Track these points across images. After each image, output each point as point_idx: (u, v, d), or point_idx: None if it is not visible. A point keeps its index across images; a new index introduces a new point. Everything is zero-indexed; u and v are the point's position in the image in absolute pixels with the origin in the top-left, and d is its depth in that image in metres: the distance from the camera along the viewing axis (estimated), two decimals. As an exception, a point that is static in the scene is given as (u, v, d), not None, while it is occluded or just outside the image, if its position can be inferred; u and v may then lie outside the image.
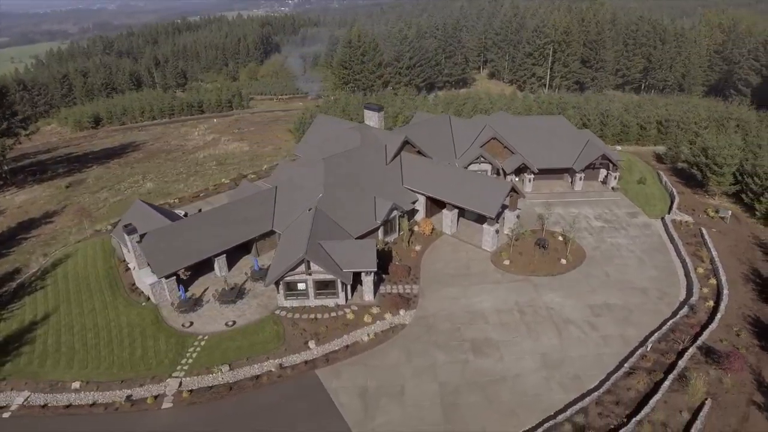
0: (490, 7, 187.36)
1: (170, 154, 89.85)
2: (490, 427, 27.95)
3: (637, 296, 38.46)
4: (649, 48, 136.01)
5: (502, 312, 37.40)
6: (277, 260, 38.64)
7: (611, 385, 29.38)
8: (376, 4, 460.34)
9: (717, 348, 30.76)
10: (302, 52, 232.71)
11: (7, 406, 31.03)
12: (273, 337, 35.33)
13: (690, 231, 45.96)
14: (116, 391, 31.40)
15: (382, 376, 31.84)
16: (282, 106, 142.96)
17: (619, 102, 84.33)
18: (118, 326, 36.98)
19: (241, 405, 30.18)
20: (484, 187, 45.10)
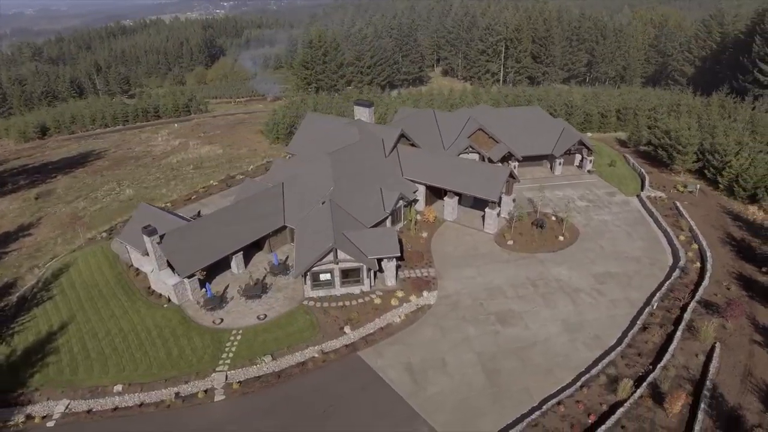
0: (440, 7, 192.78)
1: (139, 161, 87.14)
2: (531, 386, 30.56)
3: (632, 264, 42.53)
4: (591, 43, 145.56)
5: (517, 286, 40.30)
6: (301, 253, 39.56)
7: (630, 340, 32.80)
8: (318, 5, 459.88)
9: (713, 301, 34.99)
10: (253, 53, 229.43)
11: (48, 415, 30.42)
12: (308, 326, 36.33)
13: (665, 205, 50.96)
14: (162, 390, 31.42)
15: (423, 352, 33.77)
16: (242, 108, 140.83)
17: (578, 94, 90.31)
18: (146, 329, 36.65)
19: (294, 389, 31.20)
20: (483, 174, 47.98)
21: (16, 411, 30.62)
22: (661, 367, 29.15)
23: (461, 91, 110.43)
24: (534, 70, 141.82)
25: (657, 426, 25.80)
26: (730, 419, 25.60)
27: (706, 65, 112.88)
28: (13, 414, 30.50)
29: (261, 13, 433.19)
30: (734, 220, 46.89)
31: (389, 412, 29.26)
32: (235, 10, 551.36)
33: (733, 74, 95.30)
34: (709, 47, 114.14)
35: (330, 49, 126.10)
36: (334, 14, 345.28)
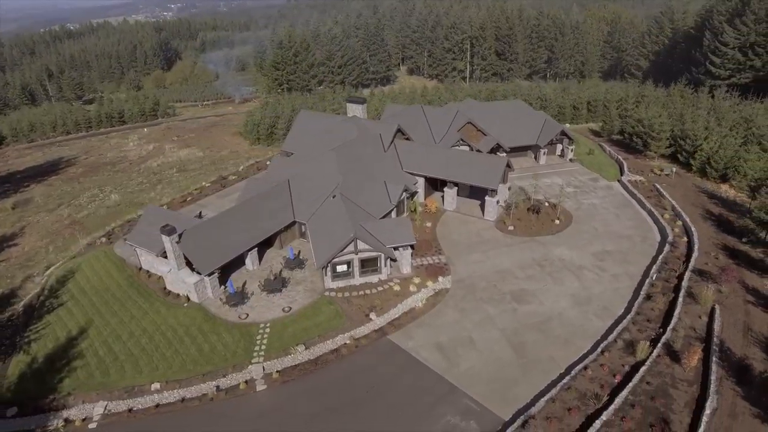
0: (403, 7, 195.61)
1: (116, 166, 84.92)
2: (556, 355, 32.90)
3: (625, 242, 45.86)
4: (551, 40, 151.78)
5: (525, 267, 42.75)
6: (320, 246, 40.51)
7: (637, 308, 35.72)
8: (270, 6, 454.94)
9: (705, 269, 38.51)
10: (217, 56, 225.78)
11: (88, 417, 30.26)
12: (334, 316, 37.41)
13: (645, 187, 54.90)
14: (201, 385, 31.79)
15: (449, 332, 35.56)
16: (210, 111, 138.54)
17: (549, 88, 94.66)
18: (171, 328, 36.70)
19: (333, 374, 32.31)
20: (482, 164, 50.32)
21: (52, 416, 30.27)
22: (671, 329, 32.10)
23: (435, 88, 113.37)
24: (499, 67, 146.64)
25: (676, 380, 28.60)
26: (739, 368, 28.71)
27: (660, 59, 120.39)
28: (48, 419, 30.14)
29: (212, 15, 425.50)
30: (710, 198, 51.22)
31: (429, 388, 30.86)
32: (183, 12, 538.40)
33: (686, 67, 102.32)
34: (661, 42, 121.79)
35: (300, 49, 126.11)
36: (290, 15, 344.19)
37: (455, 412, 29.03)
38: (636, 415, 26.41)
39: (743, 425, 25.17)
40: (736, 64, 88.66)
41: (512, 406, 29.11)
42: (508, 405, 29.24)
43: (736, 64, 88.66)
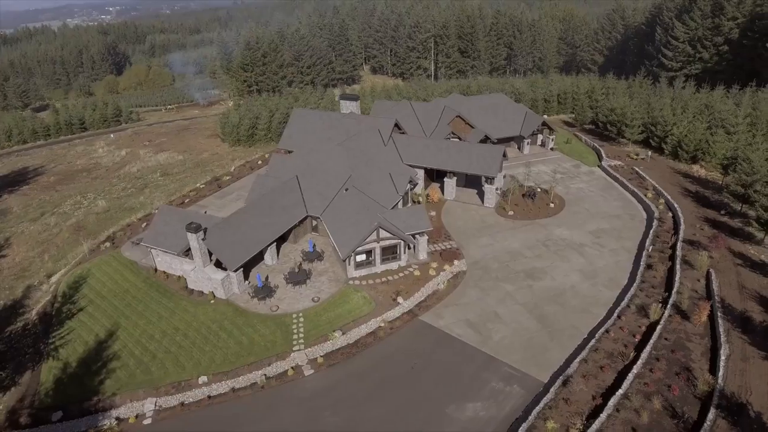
0: (363, 6, 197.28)
1: (91, 173, 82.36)
2: (577, 323, 35.82)
3: (616, 221, 49.73)
4: (509, 38, 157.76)
5: (531, 248, 45.72)
6: (341, 237, 41.85)
7: (641, 277, 39.26)
8: (215, 8, 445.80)
9: (694, 239, 42.68)
10: (176, 58, 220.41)
11: (141, 414, 30.46)
12: (362, 302, 38.92)
13: (625, 171, 59.37)
14: (248, 375, 32.59)
15: (475, 309, 37.87)
16: (176, 115, 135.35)
17: (519, 82, 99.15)
18: (203, 325, 37.08)
19: (375, 355, 33.90)
20: (481, 153, 53.06)
21: (101, 417, 30.27)
22: (675, 292, 35.68)
23: (396, 86, 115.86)
24: (463, 64, 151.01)
25: (690, 334, 32.06)
26: (741, 320, 32.51)
27: (614, 54, 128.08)
28: (98, 420, 30.12)
29: (156, 18, 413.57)
30: (685, 178, 56.17)
31: (469, 359, 33.01)
32: (123, 16, 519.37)
33: (640, 60, 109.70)
34: (614, 38, 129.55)
35: (269, 50, 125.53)
36: (239, 17, 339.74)
37: (498, 379, 31.32)
38: (662, 366, 29.54)
39: (755, 366, 28.77)
40: (686, 57, 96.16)
41: (548, 370, 31.70)
42: (544, 369, 31.81)
43: (686, 57, 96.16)
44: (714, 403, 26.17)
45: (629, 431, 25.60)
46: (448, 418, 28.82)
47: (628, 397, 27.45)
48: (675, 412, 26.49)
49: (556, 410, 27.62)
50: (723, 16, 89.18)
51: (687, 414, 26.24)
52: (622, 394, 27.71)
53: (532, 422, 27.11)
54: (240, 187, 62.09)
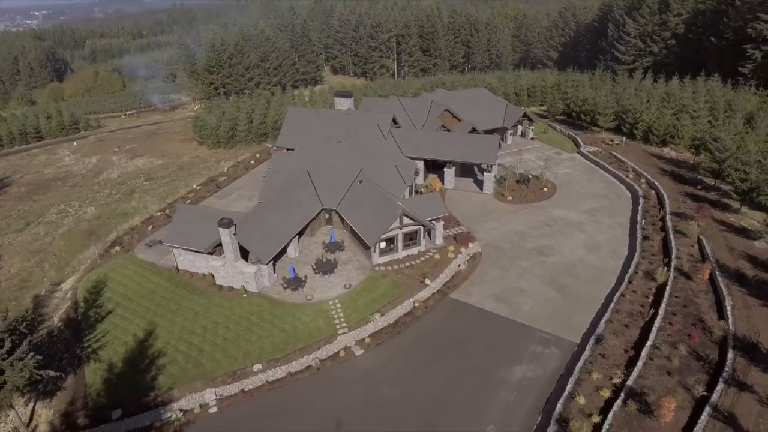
0: (319, 8, 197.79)
1: (66, 181, 79.44)
2: (592, 291, 39.37)
3: (605, 200, 54.20)
4: (467, 36, 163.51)
5: (536, 228, 49.23)
6: (364, 226, 43.55)
7: (639, 247, 43.46)
8: (154, 11, 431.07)
9: (680, 211, 47.55)
10: (126, 63, 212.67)
11: (205, 404, 31.14)
12: (392, 286, 40.89)
13: (603, 155, 64.38)
14: (301, 359, 33.85)
15: (499, 285, 40.74)
16: (139, 121, 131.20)
17: (491, 78, 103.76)
18: (243, 316, 37.87)
19: (418, 332, 36.07)
20: (478, 143, 56.20)
21: (163, 410, 30.69)
22: (675, 257, 40.00)
23: (366, 85, 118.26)
24: (426, 63, 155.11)
25: (695, 291, 36.27)
26: (737, 276, 37.09)
27: (568, 49, 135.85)
28: (160, 414, 30.54)
29: (87, 22, 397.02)
30: (658, 159, 61.75)
31: (505, 329, 35.78)
32: (52, 20, 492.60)
33: (594, 55, 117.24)
34: (567, 35, 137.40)
35: (235, 51, 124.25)
36: (182, 20, 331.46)
37: (535, 344, 34.25)
38: (678, 320, 33.42)
39: (756, 312, 33.20)
40: (637, 51, 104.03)
41: (577, 332, 34.95)
42: (574, 331, 35.04)
43: (637, 51, 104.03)
44: (730, 345, 30.17)
45: (664, 374, 29.09)
46: (501, 380, 31.40)
47: (657, 347, 31.06)
48: (699, 355, 30.30)
49: (596, 364, 30.81)
50: (669, 12, 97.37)
51: (710, 356, 30.11)
52: (651, 344, 31.28)
53: (577, 376, 30.12)
54: (239, 187, 62.31)
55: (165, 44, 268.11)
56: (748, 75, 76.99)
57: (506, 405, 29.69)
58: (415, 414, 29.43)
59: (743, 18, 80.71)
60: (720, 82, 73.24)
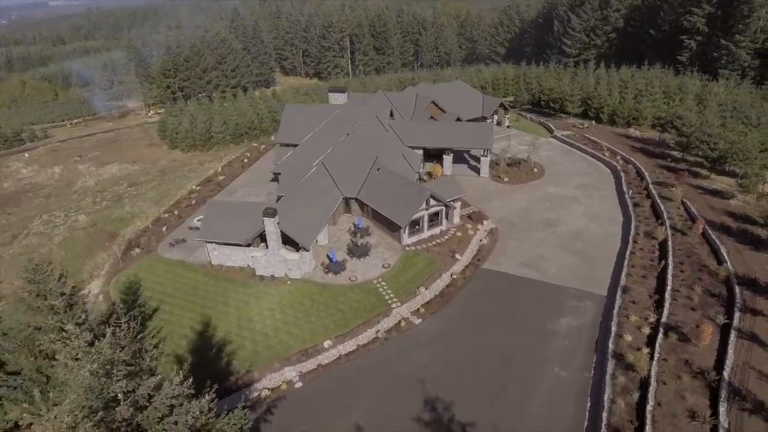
0: (262, 9, 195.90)
1: (37, 193, 75.62)
2: (604, 252, 44.40)
3: (590, 177, 60.10)
4: (415, 35, 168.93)
5: (537, 203, 54.05)
6: (393, 209, 46.14)
7: (634, 212, 49.25)
8: (64, 16, 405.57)
9: (659, 181, 54.12)
10: (45, 71, 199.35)
11: (289, 381, 32.67)
12: (427, 262, 43.91)
13: (577, 138, 70.85)
14: (365, 333, 36.08)
15: (522, 254, 44.93)
16: (90, 129, 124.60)
17: (450, 72, 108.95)
18: (296, 301, 39.41)
19: (464, 299, 39.46)
20: (474, 131, 60.39)
21: (248, 391, 31.91)
22: (667, 218, 46.03)
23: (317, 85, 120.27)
24: (379, 61, 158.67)
25: (693, 244, 42.18)
26: (723, 228, 43.52)
27: (514, 45, 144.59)
28: (245, 395, 31.70)
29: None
30: (627, 138, 69.01)
31: (540, 289, 39.90)
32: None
33: (541, 50, 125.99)
34: (513, 31, 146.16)
35: (191, 54, 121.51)
36: (105, 25, 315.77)
37: (571, 299, 38.61)
38: (686, 268, 38.99)
39: (748, 255, 39.45)
40: (582, 44, 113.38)
41: (603, 286, 39.70)
42: (600, 286, 39.76)
43: (582, 44, 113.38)
44: (735, 282, 35.95)
45: (689, 310, 34.27)
46: (551, 331, 35.38)
47: (677, 290, 36.31)
48: (712, 293, 35.85)
49: (630, 309, 35.54)
50: (609, 8, 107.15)
51: (721, 293, 35.74)
52: (671, 288, 36.48)
53: (617, 320, 34.65)
54: (242, 185, 62.72)
55: (93, 50, 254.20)
56: (686, 63, 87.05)
57: (563, 350, 33.68)
58: (488, 365, 32.70)
59: (677, 12, 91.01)
60: (662, 71, 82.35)
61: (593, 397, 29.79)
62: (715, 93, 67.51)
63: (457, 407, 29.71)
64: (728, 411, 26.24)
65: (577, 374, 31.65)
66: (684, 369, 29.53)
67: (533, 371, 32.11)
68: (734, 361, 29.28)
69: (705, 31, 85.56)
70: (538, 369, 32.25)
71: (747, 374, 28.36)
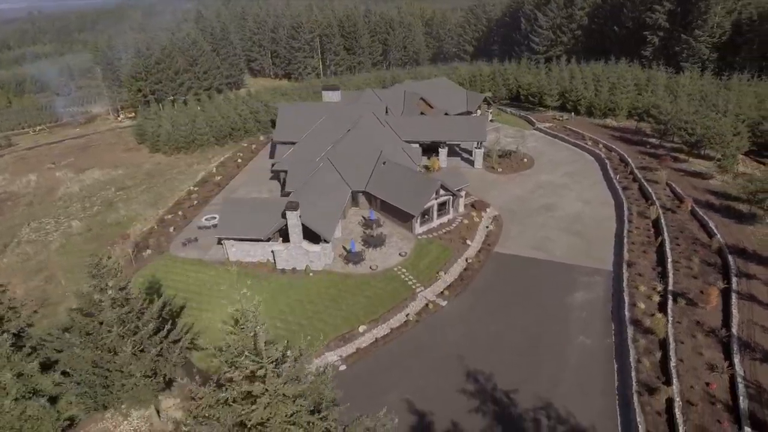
0: (227, 10, 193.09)
1: (17, 201, 72.73)
2: (603, 232, 47.68)
3: (576, 165, 63.73)
4: (384, 35, 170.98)
5: (533, 191, 57.04)
6: (404, 200, 47.85)
7: (624, 195, 52.85)
8: (5, 21, 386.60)
9: (643, 165, 58.16)
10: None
11: (331, 364, 33.65)
12: (441, 250, 45.90)
13: (558, 129, 74.67)
14: (396, 316, 37.67)
15: (529, 237, 47.60)
16: (56, 136, 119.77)
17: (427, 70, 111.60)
18: (322, 291, 40.51)
19: (482, 281, 41.68)
20: (468, 125, 62.91)
21: (291, 377, 32.86)
22: (657, 199, 49.83)
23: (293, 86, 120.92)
24: (350, 61, 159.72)
25: (684, 220, 45.99)
26: (708, 205, 47.65)
27: (481, 43, 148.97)
28: (290, 380, 32.70)
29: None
30: (605, 128, 73.35)
31: (551, 268, 42.59)
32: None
33: (509, 47, 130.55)
34: (480, 29, 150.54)
35: (162, 56, 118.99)
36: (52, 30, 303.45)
37: (581, 275, 41.48)
38: (681, 241, 42.60)
39: (734, 227, 43.56)
40: (549, 42, 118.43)
41: (607, 263, 42.82)
42: (605, 262, 42.86)
43: (549, 42, 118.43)
44: (727, 252, 39.73)
45: (691, 278, 37.69)
46: (568, 304, 38.05)
47: (677, 261, 39.73)
48: (708, 263, 39.49)
49: (638, 280, 38.68)
50: (574, 6, 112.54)
51: (717, 262, 39.42)
52: (672, 260, 39.88)
53: (628, 291, 37.68)
54: (242, 184, 62.87)
55: (45, 54, 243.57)
56: (650, 57, 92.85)
57: (583, 320, 36.36)
58: (518, 339, 34.95)
59: (638, 9, 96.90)
60: (629, 65, 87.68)
61: (618, 360, 32.49)
62: (683, 84, 72.79)
63: (497, 378, 31.76)
64: (741, 361, 29.44)
65: (601, 341, 34.35)
66: (696, 329, 32.69)
67: (560, 341, 34.58)
68: (739, 319, 32.68)
69: (666, 27, 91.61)
70: (563, 339, 34.75)
71: (752, 329, 31.76)
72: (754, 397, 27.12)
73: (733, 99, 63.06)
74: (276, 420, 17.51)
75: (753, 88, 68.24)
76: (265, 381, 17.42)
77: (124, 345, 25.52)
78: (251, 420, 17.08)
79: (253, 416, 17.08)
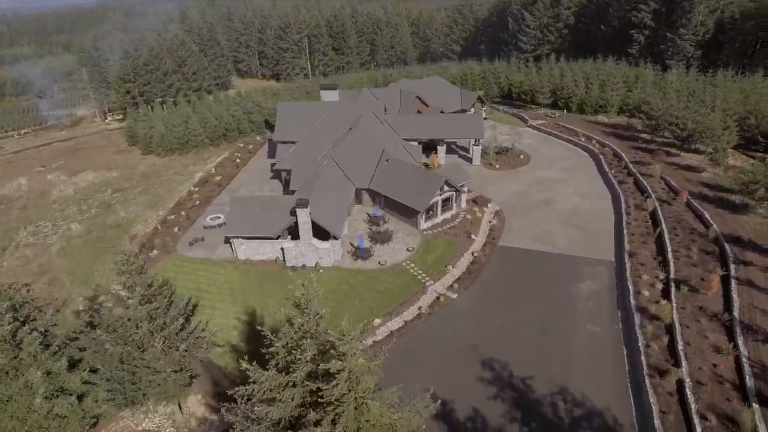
0: (212, 11, 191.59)
1: (10, 205, 71.70)
2: (602, 225, 49.07)
3: (571, 160, 65.25)
4: (371, 35, 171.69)
5: (530, 186, 58.29)
6: (409, 196, 48.64)
7: (621, 189, 54.41)
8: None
9: (636, 159, 59.87)
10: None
11: (347, 357, 34.33)
12: (447, 244, 46.80)
13: (551, 126, 76.22)
14: (408, 309, 38.43)
15: (531, 231, 48.76)
16: (43, 139, 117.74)
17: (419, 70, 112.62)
18: (334, 287, 41.09)
19: (490, 274, 42.62)
20: (465, 122, 63.97)
21: (310, 370, 33.40)
22: (652, 191, 51.46)
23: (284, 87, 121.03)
24: (339, 61, 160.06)
25: (680, 210, 47.62)
26: (702, 196, 49.40)
27: (469, 43, 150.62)
28: (309, 374, 33.24)
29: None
30: (597, 125, 75.10)
31: (556, 260, 43.78)
32: None
33: (497, 47, 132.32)
34: (467, 29, 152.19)
35: (151, 57, 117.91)
36: (29, 33, 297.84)
37: (585, 265, 42.75)
38: (679, 232, 44.17)
39: (729, 218, 45.27)
40: (537, 41, 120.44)
41: (609, 253, 44.17)
42: (606, 253, 44.21)
43: (537, 41, 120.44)
44: (724, 241, 41.36)
45: (691, 267, 39.19)
46: (575, 294, 39.24)
47: (677, 251, 41.23)
48: (706, 251, 41.05)
49: (641, 269, 40.06)
50: (560, 6, 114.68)
51: (714, 250, 41.00)
52: (672, 250, 41.37)
53: (632, 280, 39.03)
54: (242, 184, 62.95)
55: (24, 57, 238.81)
56: (636, 55, 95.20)
57: (590, 310, 37.56)
58: (529, 328, 36.00)
59: (624, 9, 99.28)
60: (616, 63, 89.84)
61: (627, 345, 33.73)
62: (671, 81, 74.97)
63: (512, 366, 32.73)
64: (745, 343, 30.87)
65: (609, 328, 35.58)
66: (700, 314, 34.11)
67: (569, 329, 35.72)
68: (740, 304, 34.18)
69: (652, 25, 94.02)
70: (573, 327, 35.89)
71: (753, 312, 33.27)
72: (760, 376, 28.50)
73: (720, 95, 65.24)
74: (351, 395, 18.30)
75: (738, 84, 70.60)
76: (344, 358, 18.13)
77: (154, 341, 25.79)
78: (328, 398, 17.88)
79: (334, 393, 17.82)
